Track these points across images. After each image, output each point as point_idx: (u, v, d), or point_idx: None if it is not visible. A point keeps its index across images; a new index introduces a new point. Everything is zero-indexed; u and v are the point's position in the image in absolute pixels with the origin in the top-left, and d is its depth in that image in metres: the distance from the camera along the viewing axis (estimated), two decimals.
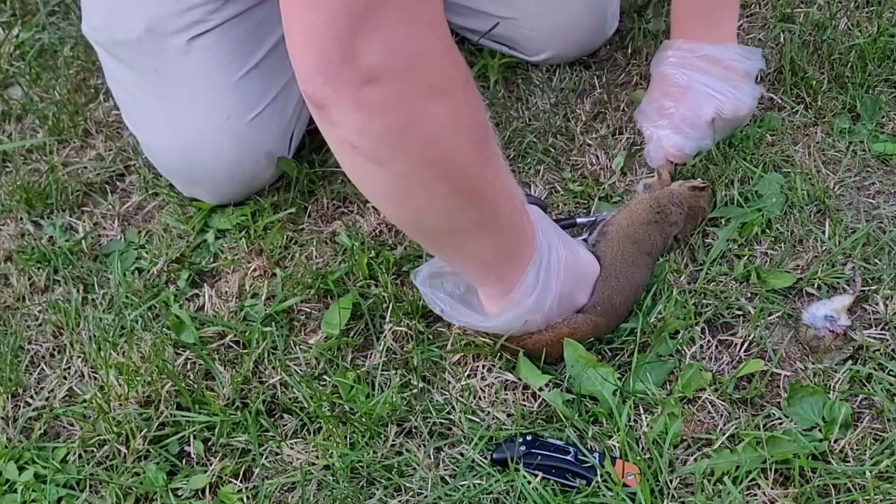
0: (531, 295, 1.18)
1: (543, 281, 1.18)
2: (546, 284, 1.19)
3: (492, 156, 1.07)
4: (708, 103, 1.46)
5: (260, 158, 1.47)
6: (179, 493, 1.20)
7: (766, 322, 1.30)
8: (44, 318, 1.41)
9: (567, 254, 1.22)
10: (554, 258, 1.19)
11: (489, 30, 1.65)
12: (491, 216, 1.09)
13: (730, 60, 1.46)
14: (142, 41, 1.43)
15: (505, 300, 1.19)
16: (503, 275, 1.18)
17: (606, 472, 1.14)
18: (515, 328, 1.22)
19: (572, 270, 1.23)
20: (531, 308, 1.19)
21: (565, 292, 1.22)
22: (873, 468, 1.13)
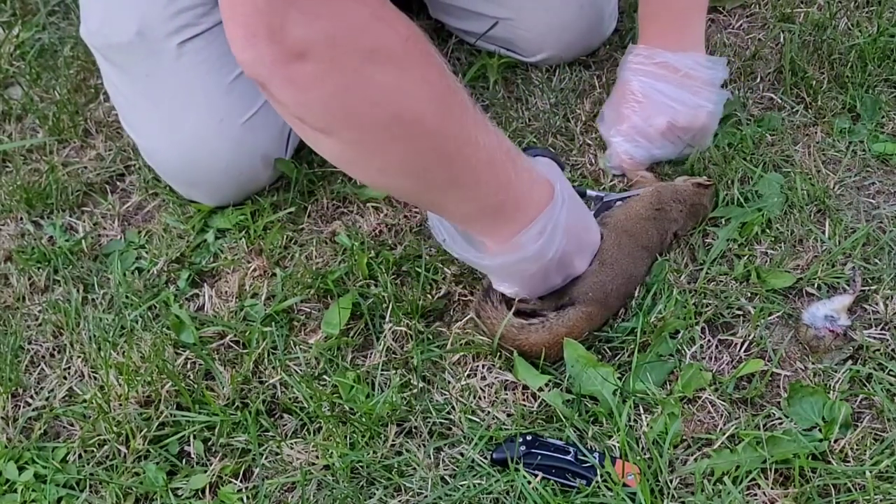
0: (536, 242, 1.17)
1: (550, 232, 1.17)
2: (552, 236, 1.17)
3: (454, 110, 1.05)
4: (661, 113, 1.43)
5: (256, 160, 1.47)
6: (179, 493, 1.20)
7: (766, 322, 1.30)
8: (44, 318, 1.41)
9: (576, 215, 1.22)
10: (564, 214, 1.19)
11: (486, 31, 1.65)
12: (463, 172, 1.07)
13: (690, 69, 1.44)
14: (133, 45, 1.43)
15: (508, 243, 1.18)
16: (494, 227, 1.16)
17: (606, 472, 1.14)
18: (511, 272, 1.20)
19: (577, 232, 1.23)
20: (533, 255, 1.17)
21: (567, 252, 1.21)
22: (873, 468, 1.13)
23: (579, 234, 1.24)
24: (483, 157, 1.09)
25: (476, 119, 1.09)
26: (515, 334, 1.25)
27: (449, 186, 1.09)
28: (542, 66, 1.68)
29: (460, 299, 1.37)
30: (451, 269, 1.39)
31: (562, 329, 1.24)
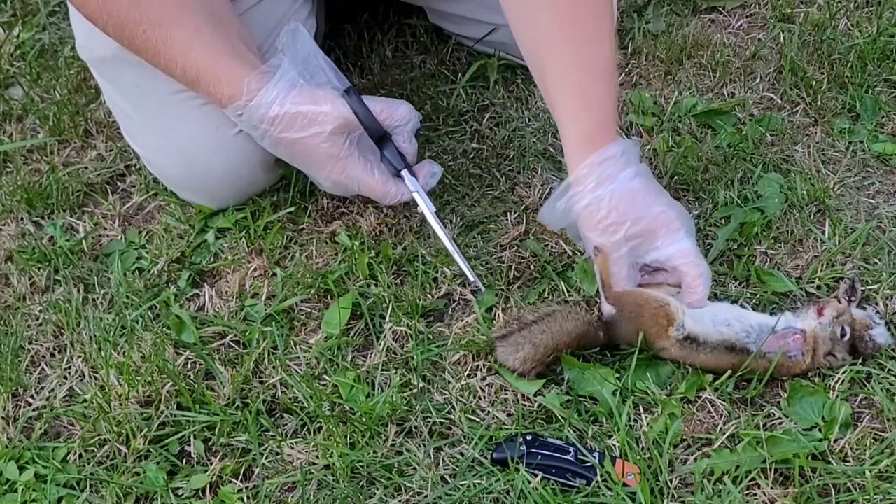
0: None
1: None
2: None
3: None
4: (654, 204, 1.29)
5: (255, 166, 1.47)
6: (179, 492, 1.21)
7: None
8: (44, 318, 1.41)
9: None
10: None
11: (483, 37, 1.65)
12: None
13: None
14: (116, 58, 1.42)
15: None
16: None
17: (606, 472, 1.14)
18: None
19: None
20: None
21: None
22: (873, 468, 1.13)
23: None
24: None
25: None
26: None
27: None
28: None
29: (460, 299, 1.38)
30: (451, 269, 1.39)
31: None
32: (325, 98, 1.31)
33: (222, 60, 1.32)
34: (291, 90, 1.30)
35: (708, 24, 1.77)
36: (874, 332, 1.24)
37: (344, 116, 1.30)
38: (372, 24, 1.77)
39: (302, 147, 1.33)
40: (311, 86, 1.32)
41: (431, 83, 1.68)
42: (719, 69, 1.66)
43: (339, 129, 1.31)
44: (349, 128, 1.32)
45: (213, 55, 1.32)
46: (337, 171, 1.35)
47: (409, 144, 1.38)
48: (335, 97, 1.31)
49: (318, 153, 1.33)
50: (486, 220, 1.46)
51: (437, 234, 1.36)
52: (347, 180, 1.36)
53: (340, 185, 1.37)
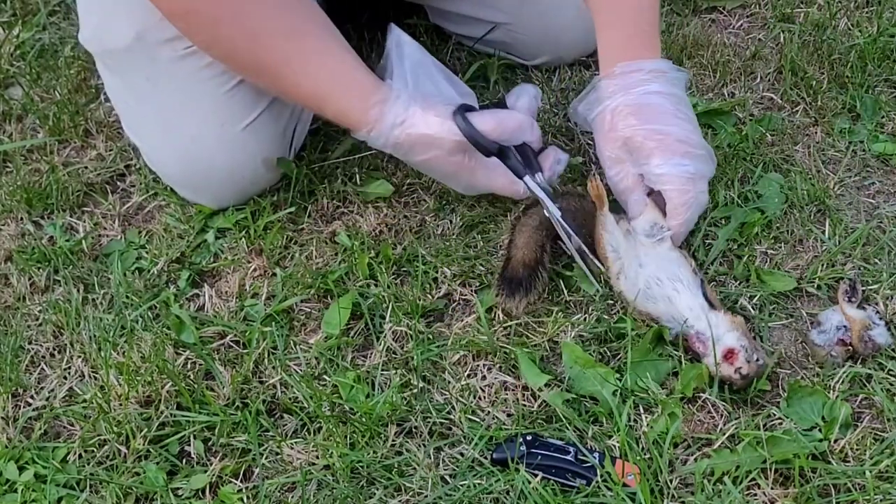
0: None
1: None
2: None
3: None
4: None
5: (258, 165, 1.47)
6: (179, 492, 1.20)
7: (766, 323, 1.30)
8: (44, 318, 1.41)
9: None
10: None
11: (484, 34, 1.65)
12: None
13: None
14: (131, 50, 1.43)
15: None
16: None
17: (606, 472, 1.14)
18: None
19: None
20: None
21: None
22: (873, 468, 1.13)
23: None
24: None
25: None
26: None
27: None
28: (541, 67, 1.68)
29: (460, 299, 1.38)
30: (451, 269, 1.39)
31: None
32: (436, 123, 1.31)
33: (353, 76, 1.33)
34: (407, 115, 1.31)
35: (708, 24, 1.77)
36: (874, 333, 1.24)
37: (455, 139, 1.31)
38: (372, 23, 1.77)
39: (428, 166, 1.37)
40: (424, 106, 1.32)
41: None
42: (719, 69, 1.66)
43: (454, 150, 1.33)
44: (464, 147, 1.33)
45: (345, 71, 1.33)
46: (464, 181, 1.38)
47: (531, 132, 1.37)
48: (445, 119, 1.31)
49: (445, 168, 1.36)
50: (485, 220, 1.46)
51: (562, 238, 1.35)
52: (478, 184, 1.39)
53: (472, 188, 1.40)
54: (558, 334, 1.31)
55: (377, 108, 1.31)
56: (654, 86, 1.30)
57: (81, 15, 1.51)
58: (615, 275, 1.30)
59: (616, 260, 1.30)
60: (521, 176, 1.35)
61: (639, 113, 1.30)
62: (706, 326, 1.23)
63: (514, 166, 1.35)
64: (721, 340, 1.22)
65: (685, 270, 1.29)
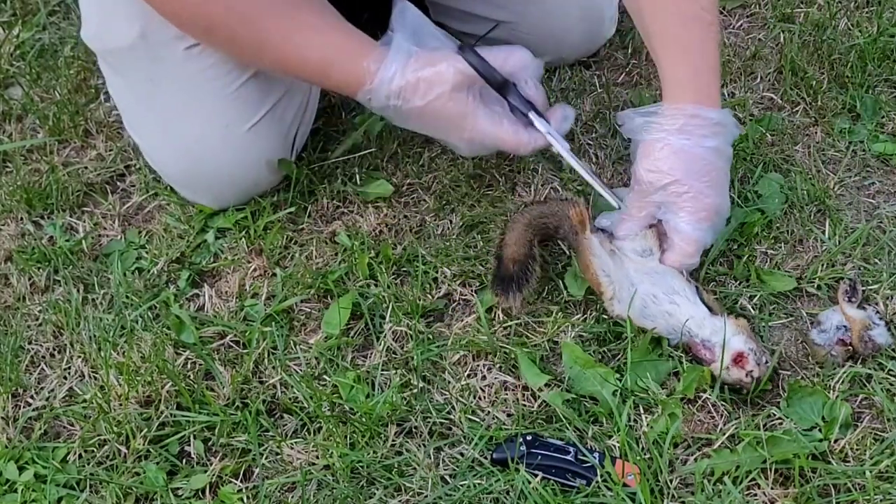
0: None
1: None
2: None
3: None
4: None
5: (261, 166, 1.47)
6: (179, 492, 1.20)
7: (767, 323, 1.30)
8: (44, 318, 1.41)
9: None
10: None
11: (487, 32, 1.65)
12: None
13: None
14: (135, 49, 1.43)
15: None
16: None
17: (606, 472, 1.14)
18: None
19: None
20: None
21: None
22: (873, 468, 1.13)
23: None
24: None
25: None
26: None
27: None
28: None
29: (460, 299, 1.38)
30: (451, 269, 1.39)
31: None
32: (439, 58, 1.31)
33: (353, 39, 1.33)
34: (408, 60, 1.30)
35: None
36: (874, 333, 1.24)
37: (461, 71, 1.30)
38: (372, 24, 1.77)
39: (430, 112, 1.32)
40: (426, 51, 1.32)
41: None
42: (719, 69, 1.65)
43: (459, 85, 1.30)
44: (469, 82, 1.31)
45: (343, 36, 1.33)
46: (468, 130, 1.33)
47: (536, 91, 1.36)
48: (449, 55, 1.31)
49: (446, 114, 1.32)
50: (485, 220, 1.46)
51: (577, 171, 1.35)
52: (479, 136, 1.34)
53: (475, 143, 1.36)
54: (558, 334, 1.31)
55: (378, 56, 1.30)
56: (712, 141, 1.28)
57: (84, 13, 1.51)
58: (608, 299, 1.29)
59: (609, 284, 1.28)
60: (526, 112, 1.33)
61: (690, 163, 1.28)
62: (711, 333, 1.23)
63: (519, 103, 1.33)
64: (728, 345, 1.21)
65: (679, 280, 1.28)
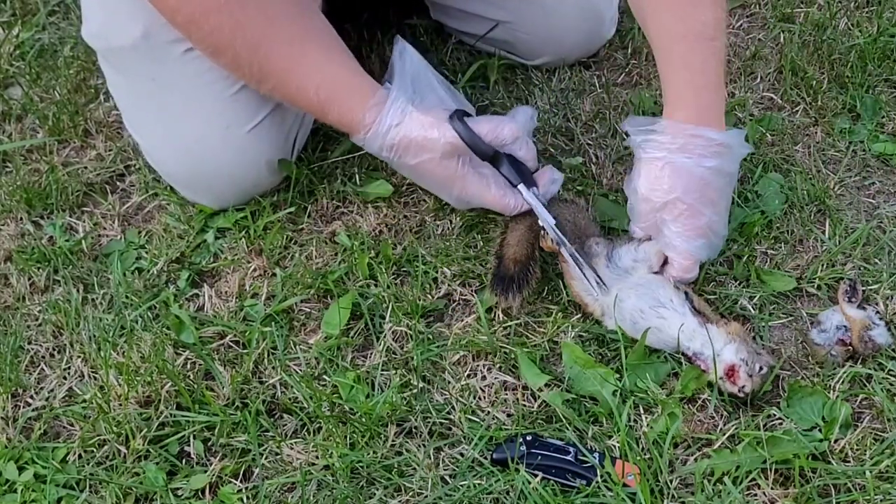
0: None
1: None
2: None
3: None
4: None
5: (261, 167, 1.47)
6: (179, 493, 1.20)
7: (766, 323, 1.30)
8: (44, 318, 1.41)
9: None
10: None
11: (486, 32, 1.65)
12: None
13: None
14: (137, 48, 1.43)
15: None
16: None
17: (606, 472, 1.14)
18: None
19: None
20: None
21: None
22: (873, 468, 1.13)
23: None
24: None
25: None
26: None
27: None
28: (542, 67, 1.68)
29: (460, 299, 1.38)
30: (451, 269, 1.39)
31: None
32: (432, 124, 1.32)
33: (353, 81, 1.34)
34: (404, 117, 1.32)
35: None
36: (874, 333, 1.24)
37: (450, 142, 1.32)
38: (372, 23, 1.77)
39: (421, 170, 1.36)
40: (421, 110, 1.33)
41: None
42: None
43: (448, 153, 1.33)
44: (458, 151, 1.33)
45: (345, 76, 1.34)
46: (457, 190, 1.37)
47: (527, 150, 1.37)
48: (442, 122, 1.32)
49: (436, 176, 1.36)
50: (485, 220, 1.46)
51: (561, 250, 1.33)
52: (468, 197, 1.38)
53: (463, 201, 1.40)
54: (558, 334, 1.31)
55: (375, 109, 1.32)
56: (712, 161, 1.29)
57: (85, 11, 1.51)
58: (599, 316, 1.30)
59: (594, 303, 1.30)
60: (515, 184, 1.34)
61: (688, 182, 1.29)
62: (702, 345, 1.23)
63: (508, 174, 1.35)
64: (720, 356, 1.21)
65: (666, 290, 1.28)
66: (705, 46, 1.30)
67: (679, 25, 1.31)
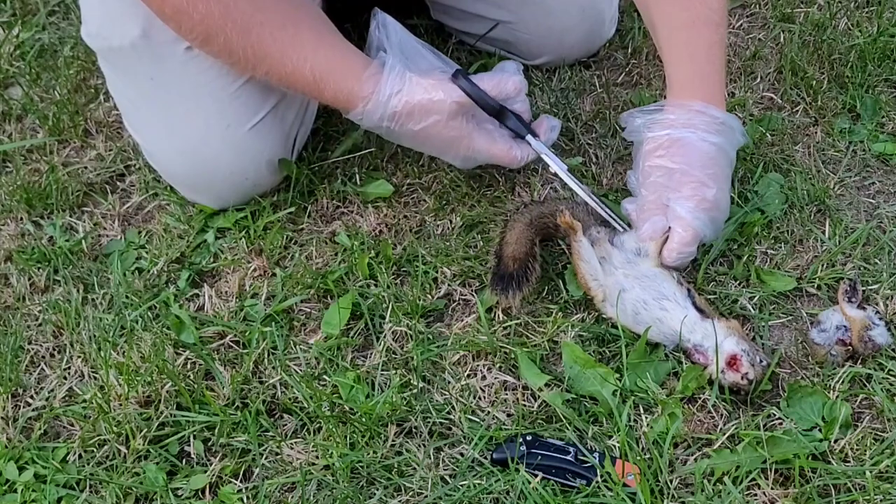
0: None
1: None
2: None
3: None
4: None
5: (261, 166, 1.47)
6: (179, 493, 1.20)
7: (766, 322, 1.30)
8: (44, 318, 1.41)
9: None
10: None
11: (486, 32, 1.65)
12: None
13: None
14: (136, 48, 1.43)
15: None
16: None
17: (606, 472, 1.14)
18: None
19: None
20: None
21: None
22: (873, 468, 1.13)
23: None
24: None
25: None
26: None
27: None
28: (542, 67, 1.68)
29: (460, 299, 1.38)
30: (451, 269, 1.39)
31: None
32: (435, 86, 1.33)
33: (347, 58, 1.35)
34: (403, 84, 1.33)
35: None
36: (874, 333, 1.24)
37: (457, 100, 1.33)
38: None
39: (425, 135, 1.36)
40: (419, 74, 1.34)
41: None
42: None
43: (455, 112, 1.34)
44: (464, 109, 1.35)
45: (339, 54, 1.35)
46: (463, 149, 1.38)
47: (523, 102, 1.40)
48: (444, 82, 1.34)
49: (442, 138, 1.36)
50: (485, 220, 1.46)
51: (572, 189, 1.37)
52: (475, 154, 1.39)
53: (470, 159, 1.41)
54: (558, 334, 1.31)
55: (373, 79, 1.32)
56: (716, 138, 1.31)
57: (84, 11, 1.51)
58: (600, 302, 1.30)
59: (598, 288, 1.30)
60: (523, 135, 1.36)
61: (694, 155, 1.31)
62: (702, 337, 1.24)
63: (515, 126, 1.37)
64: (721, 348, 1.21)
65: (669, 284, 1.28)
66: (711, 32, 1.32)
67: (684, 13, 1.32)
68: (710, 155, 1.31)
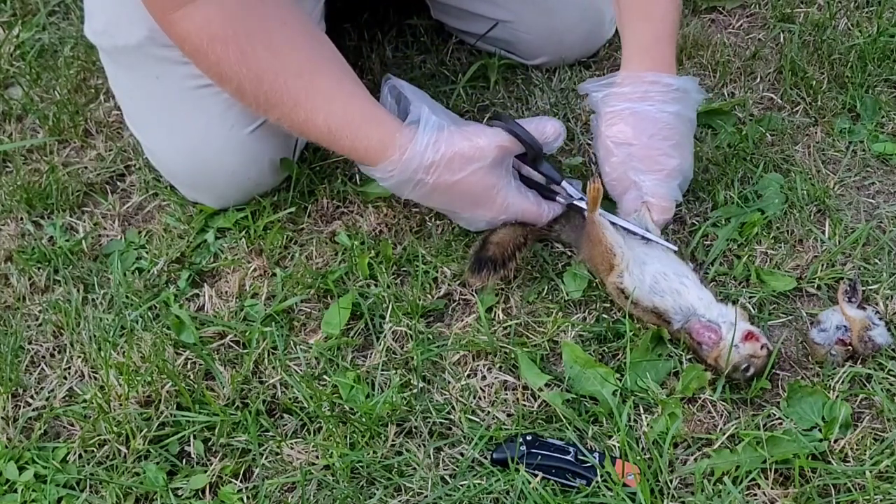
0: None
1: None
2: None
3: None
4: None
5: (264, 167, 1.47)
6: (179, 492, 1.20)
7: (766, 322, 1.30)
8: (44, 318, 1.41)
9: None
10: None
11: (486, 31, 1.65)
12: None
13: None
14: (142, 48, 1.43)
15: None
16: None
17: (606, 472, 1.14)
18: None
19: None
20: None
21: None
22: (873, 468, 1.13)
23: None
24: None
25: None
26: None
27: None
28: (542, 67, 1.68)
29: (460, 299, 1.38)
30: (451, 269, 1.39)
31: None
32: (476, 133, 1.30)
33: (366, 108, 1.31)
34: (440, 134, 1.29)
35: (708, 24, 1.77)
36: (874, 333, 1.24)
37: (500, 145, 1.30)
38: (372, 23, 1.77)
39: (461, 188, 1.31)
40: (457, 125, 1.31)
41: (432, 83, 1.68)
42: (719, 69, 1.66)
43: (498, 159, 1.31)
44: (508, 154, 1.32)
45: (358, 105, 1.31)
46: (499, 204, 1.33)
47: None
48: (484, 129, 1.31)
49: (478, 189, 1.32)
50: None
51: (620, 226, 1.34)
52: (508, 206, 1.34)
53: (502, 212, 1.35)
54: (558, 334, 1.31)
55: (408, 129, 1.29)
56: (673, 107, 1.33)
57: (89, 8, 1.51)
58: (621, 271, 1.29)
59: (622, 255, 1.30)
60: (559, 182, 1.35)
61: (653, 128, 1.33)
62: (717, 315, 1.24)
63: (548, 172, 1.35)
64: (738, 325, 1.23)
65: (686, 268, 1.31)
66: (669, 1, 1.35)
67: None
68: (669, 125, 1.33)
